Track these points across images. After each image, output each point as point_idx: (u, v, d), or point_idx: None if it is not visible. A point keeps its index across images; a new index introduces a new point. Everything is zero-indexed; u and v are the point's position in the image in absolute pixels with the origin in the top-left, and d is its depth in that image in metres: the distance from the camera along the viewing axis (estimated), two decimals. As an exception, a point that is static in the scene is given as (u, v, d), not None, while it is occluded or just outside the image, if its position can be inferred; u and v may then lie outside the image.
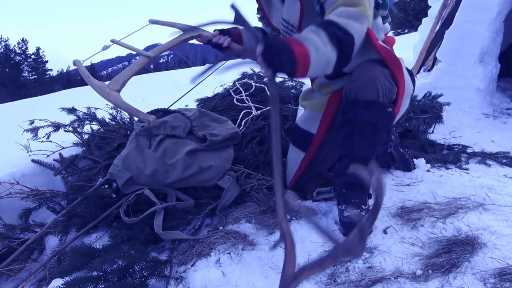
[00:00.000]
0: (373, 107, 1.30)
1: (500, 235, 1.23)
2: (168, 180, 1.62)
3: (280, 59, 1.15)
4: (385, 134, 1.35)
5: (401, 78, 1.34)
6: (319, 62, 1.19)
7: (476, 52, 3.34)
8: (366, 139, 1.32)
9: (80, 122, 2.09)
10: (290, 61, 1.15)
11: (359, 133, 1.32)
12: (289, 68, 1.16)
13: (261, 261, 1.23)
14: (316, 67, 1.19)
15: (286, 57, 1.14)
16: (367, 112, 1.30)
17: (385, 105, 1.31)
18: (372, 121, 1.30)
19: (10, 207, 1.60)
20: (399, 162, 1.80)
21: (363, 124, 1.31)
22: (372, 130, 1.31)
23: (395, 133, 1.84)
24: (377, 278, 1.11)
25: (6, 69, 45.53)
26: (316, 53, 1.17)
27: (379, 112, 1.30)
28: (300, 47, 1.17)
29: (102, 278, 1.13)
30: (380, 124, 1.31)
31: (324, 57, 1.19)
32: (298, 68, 1.16)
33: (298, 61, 1.16)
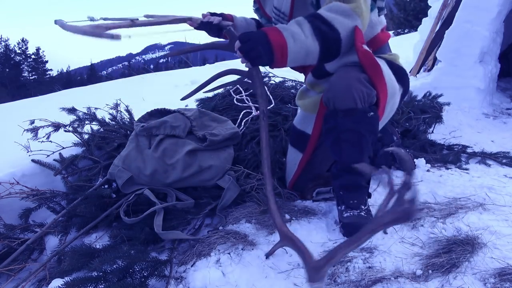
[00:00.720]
0: (353, 114, 1.28)
1: (500, 235, 1.23)
2: (168, 180, 1.62)
3: (257, 51, 1.19)
4: (371, 137, 1.34)
5: (379, 81, 1.31)
6: (299, 51, 1.21)
7: (476, 52, 3.34)
8: (353, 146, 1.32)
9: (80, 122, 2.09)
10: (267, 50, 1.18)
11: (345, 141, 1.32)
12: (267, 59, 1.20)
13: (261, 261, 1.23)
14: (295, 56, 1.21)
15: (263, 48, 1.18)
16: (348, 120, 1.29)
17: (365, 110, 1.28)
18: (355, 128, 1.30)
19: (10, 207, 1.60)
20: (400, 162, 1.80)
21: (347, 132, 1.31)
22: (357, 136, 1.31)
23: (397, 134, 1.84)
24: (377, 278, 1.11)
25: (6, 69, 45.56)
26: (294, 42, 1.19)
27: (360, 119, 1.29)
28: (277, 36, 1.20)
29: (102, 278, 1.13)
30: (364, 129, 1.30)
31: (304, 48, 1.20)
32: (276, 56, 1.20)
33: (275, 51, 1.19)
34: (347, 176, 1.35)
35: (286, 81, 2.84)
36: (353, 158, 1.31)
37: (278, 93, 2.49)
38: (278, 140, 1.95)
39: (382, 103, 1.34)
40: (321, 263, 1.00)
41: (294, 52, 1.20)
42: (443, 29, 3.73)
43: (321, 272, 0.99)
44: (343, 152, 1.34)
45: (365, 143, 1.32)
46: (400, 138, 1.85)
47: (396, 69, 1.46)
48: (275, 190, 1.59)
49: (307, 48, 1.21)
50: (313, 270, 1.01)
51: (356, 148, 1.32)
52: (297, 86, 2.72)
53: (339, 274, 1.14)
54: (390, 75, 1.38)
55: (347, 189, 1.36)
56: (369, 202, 1.55)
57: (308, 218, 1.44)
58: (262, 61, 1.22)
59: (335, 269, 1.16)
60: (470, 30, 3.34)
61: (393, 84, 1.39)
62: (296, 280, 1.14)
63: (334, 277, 1.13)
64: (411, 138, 2.29)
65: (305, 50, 1.21)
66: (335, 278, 1.12)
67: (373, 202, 1.54)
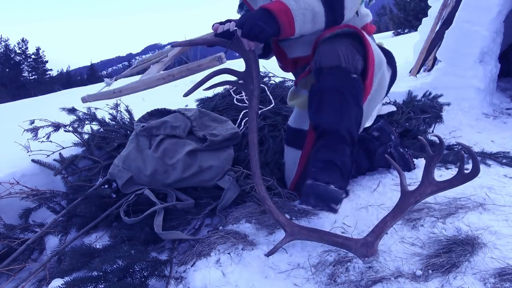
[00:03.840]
0: (337, 72, 1.28)
1: (500, 235, 1.23)
2: (168, 180, 1.62)
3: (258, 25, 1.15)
4: (354, 105, 1.30)
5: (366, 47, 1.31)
6: (304, 13, 1.18)
7: (476, 52, 3.34)
8: (334, 108, 1.28)
9: (80, 122, 2.09)
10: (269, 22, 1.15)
11: (327, 102, 1.29)
12: (272, 29, 1.16)
13: (261, 261, 1.23)
14: (302, 20, 1.18)
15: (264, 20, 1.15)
16: (331, 78, 1.29)
17: (349, 70, 1.28)
18: (337, 87, 1.27)
19: (10, 207, 1.61)
20: (399, 162, 1.80)
21: (329, 92, 1.28)
22: (339, 97, 1.27)
23: (395, 133, 1.84)
24: (377, 278, 1.11)
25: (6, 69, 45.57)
26: (297, 3, 1.16)
27: (343, 77, 1.27)
28: (277, 4, 1.17)
29: (102, 278, 1.13)
30: (346, 90, 1.27)
31: (308, 8, 1.18)
32: (282, 24, 1.16)
33: (279, 17, 1.15)
34: (322, 151, 1.29)
35: (286, 81, 2.84)
36: (331, 120, 1.28)
37: (278, 93, 2.49)
38: (278, 141, 1.95)
39: (370, 71, 1.33)
40: (371, 239, 1.08)
41: (300, 13, 1.17)
42: (443, 29, 3.73)
43: (374, 246, 1.07)
44: (322, 114, 1.30)
45: (346, 107, 1.28)
46: (398, 137, 1.85)
47: (385, 51, 1.49)
48: (275, 190, 1.59)
49: (312, 8, 1.18)
50: (365, 246, 1.08)
51: (337, 111, 1.28)
52: (297, 86, 2.72)
53: (339, 274, 1.14)
54: (376, 48, 1.38)
55: (320, 165, 1.27)
56: (369, 202, 1.55)
57: (308, 218, 1.44)
58: (266, 33, 1.18)
59: (335, 269, 1.16)
60: (470, 30, 3.34)
61: (379, 55, 1.38)
62: (296, 280, 1.14)
63: (334, 277, 1.13)
64: (411, 138, 2.29)
65: (311, 11, 1.18)
66: (335, 278, 1.12)
67: (373, 202, 1.54)
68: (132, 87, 1.21)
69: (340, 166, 1.26)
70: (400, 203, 1.11)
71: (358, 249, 1.08)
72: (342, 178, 1.27)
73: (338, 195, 1.22)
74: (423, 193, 1.08)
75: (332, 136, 1.28)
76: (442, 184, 1.05)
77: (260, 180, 1.32)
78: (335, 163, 1.25)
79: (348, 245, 1.11)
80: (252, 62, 1.34)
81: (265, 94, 2.46)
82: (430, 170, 1.08)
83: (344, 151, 1.28)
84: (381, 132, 1.83)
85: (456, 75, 3.36)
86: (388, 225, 1.09)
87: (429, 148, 1.10)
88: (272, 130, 2.06)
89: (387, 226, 1.09)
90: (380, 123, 1.88)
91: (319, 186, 1.21)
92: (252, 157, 1.36)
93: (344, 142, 1.28)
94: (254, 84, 1.35)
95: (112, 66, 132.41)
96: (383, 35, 18.89)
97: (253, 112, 1.36)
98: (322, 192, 1.19)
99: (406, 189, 1.12)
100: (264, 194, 1.30)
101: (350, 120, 1.29)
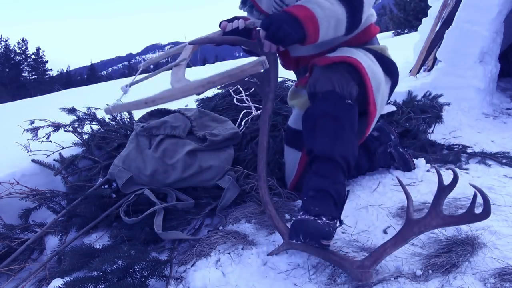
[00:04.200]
0: (331, 97, 1.25)
1: (500, 235, 1.23)
2: (168, 180, 1.62)
3: (284, 30, 1.12)
4: (349, 131, 1.25)
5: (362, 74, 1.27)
6: (329, 21, 1.15)
7: (476, 52, 3.34)
8: (327, 134, 1.24)
9: (80, 122, 2.09)
10: (295, 27, 1.12)
11: (320, 127, 1.25)
12: (298, 34, 1.13)
13: (261, 261, 1.23)
14: (327, 27, 1.16)
15: (290, 25, 1.11)
16: (326, 103, 1.26)
17: (343, 96, 1.25)
18: (331, 112, 1.24)
19: (10, 207, 1.61)
20: (399, 162, 1.80)
21: (323, 117, 1.25)
22: (333, 123, 1.24)
23: (394, 133, 1.84)
24: (377, 278, 1.10)
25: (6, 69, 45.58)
26: (323, 11, 1.14)
27: (337, 103, 1.24)
28: (303, 10, 1.14)
29: (102, 278, 1.13)
30: (340, 116, 1.24)
31: (333, 15, 1.16)
32: (308, 31, 1.13)
33: (305, 24, 1.12)
34: (314, 179, 1.22)
35: (286, 81, 2.84)
36: (324, 146, 1.23)
37: (278, 93, 2.49)
38: (278, 140, 1.95)
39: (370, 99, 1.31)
40: (368, 264, 1.05)
41: (326, 23, 1.15)
42: (443, 29, 3.73)
43: (369, 272, 1.04)
44: (315, 139, 1.26)
45: (340, 133, 1.24)
46: (397, 137, 1.85)
47: (385, 62, 1.46)
48: (275, 190, 1.59)
49: (336, 16, 1.17)
50: (361, 270, 1.05)
51: (330, 137, 1.24)
52: (297, 86, 2.71)
53: (339, 274, 1.14)
54: (374, 69, 1.34)
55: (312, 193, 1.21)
56: (369, 202, 1.55)
57: (308, 218, 1.44)
58: (292, 38, 1.15)
59: (335, 269, 1.16)
60: (470, 30, 3.34)
61: (376, 78, 1.34)
62: (296, 280, 1.14)
63: (334, 277, 1.13)
64: (411, 138, 2.29)
65: (335, 18, 1.17)
66: (335, 278, 1.12)
67: (373, 202, 1.54)
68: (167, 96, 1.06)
69: (332, 194, 1.19)
70: (403, 231, 1.07)
71: (353, 272, 1.05)
72: (335, 207, 1.20)
73: (329, 230, 1.13)
74: (428, 225, 1.04)
75: (325, 163, 1.23)
76: (449, 219, 1.01)
77: (265, 184, 1.31)
78: (328, 191, 1.19)
79: (344, 266, 1.08)
80: (272, 64, 1.29)
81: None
82: (440, 202, 1.04)
83: (337, 178, 1.21)
84: (381, 132, 1.83)
85: (456, 75, 3.36)
86: (388, 252, 1.06)
87: (442, 179, 1.07)
88: (272, 130, 2.06)
89: (386, 253, 1.06)
90: (380, 123, 1.88)
91: (309, 222, 1.12)
92: (260, 159, 1.34)
93: (338, 168, 1.22)
94: (270, 86, 1.32)
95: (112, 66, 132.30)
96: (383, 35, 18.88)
97: (266, 115, 1.32)
98: (311, 229, 1.10)
99: (412, 217, 1.08)
100: (267, 199, 1.29)
101: (344, 146, 1.24)
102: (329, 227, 1.12)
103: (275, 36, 1.15)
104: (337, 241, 1.30)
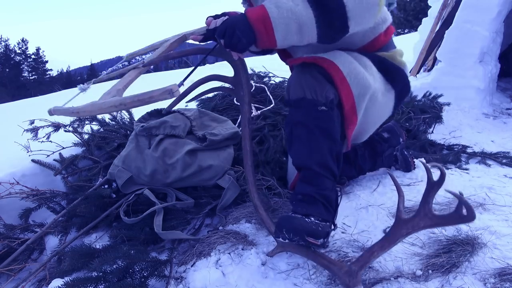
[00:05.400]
0: (302, 105, 1.19)
1: (500, 235, 1.23)
2: (167, 180, 1.62)
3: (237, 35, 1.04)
4: (323, 138, 1.19)
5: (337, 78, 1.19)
6: (287, 24, 1.03)
7: (476, 52, 3.34)
8: (301, 144, 1.20)
9: (80, 122, 2.09)
10: (246, 31, 1.03)
11: (296, 136, 1.22)
12: (247, 38, 1.04)
13: (261, 261, 1.23)
14: (285, 30, 1.04)
15: (242, 29, 1.03)
16: (297, 111, 1.21)
17: (315, 102, 1.17)
18: (303, 121, 1.19)
19: (10, 207, 1.60)
20: (401, 164, 1.80)
21: (296, 126, 1.21)
22: (305, 132, 1.19)
23: (404, 136, 1.82)
24: (377, 278, 1.11)
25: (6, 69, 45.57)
26: (279, 11, 1.03)
27: (308, 111, 1.18)
28: (257, 9, 1.04)
29: (102, 278, 1.13)
30: (312, 124, 1.18)
31: (293, 16, 1.03)
32: (258, 33, 1.03)
33: (256, 26, 1.03)
34: (301, 185, 1.21)
35: (286, 81, 2.84)
36: (299, 156, 1.21)
37: (278, 93, 2.49)
38: (278, 140, 1.95)
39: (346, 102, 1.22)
40: (355, 268, 1.03)
41: (281, 23, 1.02)
42: (443, 29, 3.73)
43: (357, 277, 1.02)
44: (292, 148, 1.24)
45: (314, 142, 1.19)
46: (405, 141, 1.84)
47: (389, 70, 1.37)
48: (276, 190, 1.59)
49: (298, 17, 1.03)
50: (348, 275, 1.03)
51: (304, 146, 1.20)
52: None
53: (339, 274, 1.14)
54: (360, 75, 1.23)
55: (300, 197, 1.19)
56: (369, 202, 1.55)
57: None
58: (242, 44, 1.05)
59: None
60: (470, 30, 3.35)
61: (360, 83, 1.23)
62: (296, 280, 1.14)
63: (334, 277, 1.13)
64: (411, 138, 2.29)
65: (296, 20, 1.03)
66: (334, 278, 1.12)
67: (373, 202, 1.54)
68: (88, 110, 1.14)
69: (319, 200, 1.16)
70: (391, 232, 1.03)
71: (341, 277, 1.04)
72: (325, 210, 1.16)
73: (317, 228, 1.09)
74: (416, 226, 1.00)
75: (306, 171, 1.21)
76: (437, 219, 0.98)
77: (253, 188, 1.30)
78: (314, 197, 1.17)
79: (332, 270, 1.07)
80: (240, 68, 1.28)
81: (265, 94, 2.46)
82: (428, 200, 1.00)
83: (323, 185, 1.18)
84: (391, 134, 1.79)
85: (456, 75, 3.37)
86: (375, 255, 1.04)
87: (432, 175, 1.02)
88: (272, 129, 2.06)
89: (373, 256, 1.04)
90: (391, 124, 1.84)
91: (294, 218, 1.10)
92: (245, 164, 1.33)
93: (319, 176, 1.19)
94: (244, 90, 1.30)
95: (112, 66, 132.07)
96: (383, 35, 18.82)
97: (245, 119, 1.31)
98: (296, 225, 1.08)
99: (402, 216, 1.03)
100: (257, 202, 1.28)
101: (320, 153, 1.19)
102: (318, 226, 1.10)
103: (230, 43, 1.08)
104: (337, 241, 1.30)
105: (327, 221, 1.15)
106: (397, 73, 1.39)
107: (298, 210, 1.15)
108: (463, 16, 3.40)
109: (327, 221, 1.16)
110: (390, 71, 1.37)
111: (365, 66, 1.29)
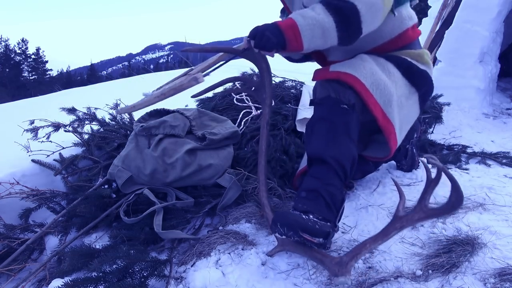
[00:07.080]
0: (326, 102, 1.32)
1: (500, 235, 1.23)
2: (167, 179, 1.62)
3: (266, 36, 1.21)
4: (343, 133, 1.26)
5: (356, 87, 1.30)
6: (312, 29, 1.20)
7: (476, 52, 3.34)
8: (320, 135, 1.28)
9: (80, 122, 2.09)
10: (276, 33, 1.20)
11: (316, 132, 1.30)
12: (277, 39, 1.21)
13: (261, 261, 1.23)
14: (311, 35, 1.20)
15: (270, 32, 1.21)
16: (321, 108, 1.32)
17: (338, 100, 1.30)
18: (326, 116, 1.30)
19: (10, 207, 1.60)
20: (408, 160, 1.80)
21: (319, 121, 1.31)
22: (327, 125, 1.28)
23: (419, 132, 1.83)
24: (377, 278, 1.11)
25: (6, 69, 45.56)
26: (304, 20, 1.20)
27: (331, 107, 1.30)
28: (285, 21, 1.22)
29: (102, 278, 1.13)
30: (334, 119, 1.28)
31: (317, 24, 1.19)
32: (288, 38, 1.20)
33: (286, 31, 1.20)
34: (308, 180, 1.23)
35: (286, 81, 2.84)
36: (316, 147, 1.26)
37: (278, 93, 2.49)
38: (278, 139, 1.95)
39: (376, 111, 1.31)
40: (346, 259, 1.04)
41: (307, 29, 1.19)
42: (443, 29, 3.73)
43: (347, 267, 1.03)
44: (310, 142, 1.30)
45: (333, 134, 1.25)
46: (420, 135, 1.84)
47: (413, 72, 1.42)
48: (277, 192, 1.59)
49: (321, 24, 1.19)
50: (338, 265, 1.04)
51: (323, 139, 1.26)
52: (297, 86, 2.72)
53: (339, 274, 1.14)
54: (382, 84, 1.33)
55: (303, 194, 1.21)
56: (369, 202, 1.55)
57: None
58: (272, 42, 1.21)
59: (335, 269, 1.16)
60: (470, 30, 3.35)
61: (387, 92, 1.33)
62: (296, 280, 1.14)
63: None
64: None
65: (320, 27, 1.20)
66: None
67: (373, 202, 1.54)
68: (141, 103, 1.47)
69: (324, 195, 1.17)
70: (386, 227, 1.06)
71: (331, 267, 1.05)
72: (327, 208, 1.16)
73: (314, 226, 1.09)
74: (410, 219, 1.03)
75: (319, 165, 1.24)
76: (431, 211, 1.02)
77: (264, 187, 1.33)
78: (318, 192, 1.17)
79: (324, 262, 1.08)
80: (265, 71, 1.36)
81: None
82: (426, 196, 1.04)
83: (330, 180, 1.20)
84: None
85: (456, 75, 3.37)
86: (367, 248, 1.05)
87: (430, 172, 1.07)
88: (272, 129, 2.06)
89: (365, 248, 1.05)
90: None
91: (290, 214, 1.13)
92: (259, 163, 1.37)
93: (330, 170, 1.21)
94: (266, 93, 1.38)
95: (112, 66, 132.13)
96: (383, 35, 18.82)
97: (265, 120, 1.38)
98: (290, 221, 1.10)
99: (399, 214, 1.06)
100: (265, 201, 1.31)
101: (337, 148, 1.24)
102: (315, 224, 1.10)
103: (259, 43, 1.24)
104: (337, 241, 1.31)
105: (327, 221, 1.15)
106: (422, 76, 1.46)
107: (298, 207, 1.18)
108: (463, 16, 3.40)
109: (328, 221, 1.15)
110: (416, 76, 1.44)
111: (388, 74, 1.38)
